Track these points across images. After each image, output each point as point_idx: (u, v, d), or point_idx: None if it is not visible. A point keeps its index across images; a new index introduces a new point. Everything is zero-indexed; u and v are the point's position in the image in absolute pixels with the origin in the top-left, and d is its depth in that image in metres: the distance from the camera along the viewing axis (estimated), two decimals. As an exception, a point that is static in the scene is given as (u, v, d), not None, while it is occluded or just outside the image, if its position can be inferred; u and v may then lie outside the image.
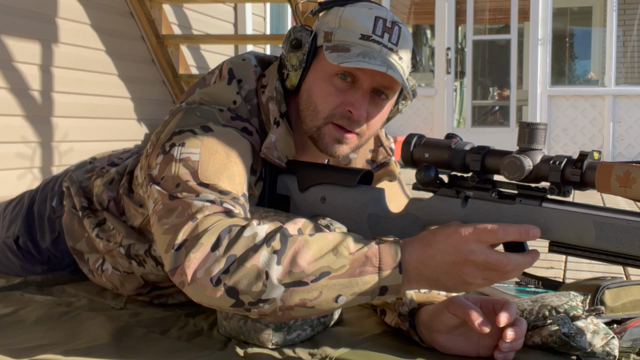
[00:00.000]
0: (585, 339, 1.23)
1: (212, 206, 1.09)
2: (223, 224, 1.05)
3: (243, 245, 1.03)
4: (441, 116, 8.28)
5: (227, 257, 1.02)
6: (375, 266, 1.03)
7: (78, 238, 1.61)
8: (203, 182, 1.13)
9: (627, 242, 1.00)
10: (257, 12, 5.87)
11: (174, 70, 4.48)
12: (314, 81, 1.32)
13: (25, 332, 1.36)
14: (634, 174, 0.96)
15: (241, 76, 1.37)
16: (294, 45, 1.31)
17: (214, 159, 1.18)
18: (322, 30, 1.32)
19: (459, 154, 1.14)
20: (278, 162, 1.34)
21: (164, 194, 1.14)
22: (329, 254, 1.03)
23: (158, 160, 1.21)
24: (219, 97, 1.33)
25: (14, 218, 1.76)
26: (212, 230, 1.04)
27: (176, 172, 1.15)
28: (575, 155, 1.05)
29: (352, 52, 1.26)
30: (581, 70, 9.52)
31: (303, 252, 1.02)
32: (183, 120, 1.26)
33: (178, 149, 1.19)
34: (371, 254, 1.03)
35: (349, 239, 1.05)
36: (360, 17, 1.29)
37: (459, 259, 1.02)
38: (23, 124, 3.39)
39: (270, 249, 1.02)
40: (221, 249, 1.02)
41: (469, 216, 1.14)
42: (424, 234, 1.08)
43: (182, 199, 1.10)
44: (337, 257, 1.02)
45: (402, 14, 9.28)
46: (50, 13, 3.57)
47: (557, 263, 2.20)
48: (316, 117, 1.32)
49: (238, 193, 1.16)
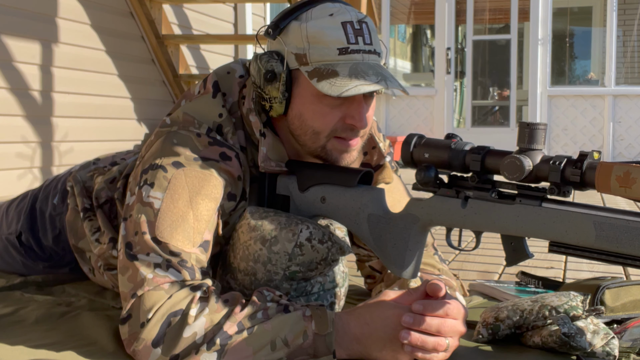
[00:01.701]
0: (585, 339, 1.23)
1: (154, 278, 1.17)
2: (162, 312, 1.13)
3: (183, 346, 1.11)
4: (441, 116, 8.28)
5: (170, 357, 1.11)
6: (311, 355, 1.12)
7: (80, 236, 1.62)
8: (157, 237, 1.20)
9: (627, 242, 1.00)
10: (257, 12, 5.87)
11: (174, 70, 4.48)
12: (303, 106, 1.29)
13: (25, 332, 1.36)
14: (634, 174, 0.96)
15: (226, 89, 1.36)
16: (269, 79, 1.27)
17: (175, 207, 1.22)
18: (291, 53, 1.27)
19: (459, 154, 1.14)
20: (278, 169, 1.34)
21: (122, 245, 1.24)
22: (266, 348, 1.11)
23: (134, 190, 1.28)
24: (204, 112, 1.33)
25: (17, 215, 1.77)
26: (153, 323, 1.13)
27: (138, 218, 1.23)
28: (575, 155, 1.05)
29: (340, 74, 1.22)
30: (581, 70, 9.52)
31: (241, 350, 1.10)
32: (161, 150, 1.28)
33: (146, 190, 1.24)
34: (307, 345, 1.12)
35: (286, 327, 1.12)
36: (328, 30, 1.24)
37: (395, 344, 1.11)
38: (23, 124, 3.39)
39: (211, 352, 1.10)
40: (163, 348, 1.11)
41: (469, 216, 1.14)
42: (360, 310, 1.16)
43: (133, 262, 1.20)
44: (274, 352, 1.11)
45: (402, 14, 9.28)
46: (50, 13, 3.57)
47: (557, 263, 2.20)
48: (317, 138, 1.31)
49: (192, 246, 1.21)
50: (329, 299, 1.33)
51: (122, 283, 1.21)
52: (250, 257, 1.27)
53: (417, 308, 1.11)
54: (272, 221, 1.26)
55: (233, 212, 1.34)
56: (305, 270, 1.27)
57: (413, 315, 1.11)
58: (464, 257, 2.30)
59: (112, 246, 1.50)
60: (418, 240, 1.23)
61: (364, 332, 1.12)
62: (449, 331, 1.12)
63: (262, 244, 1.26)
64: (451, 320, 1.13)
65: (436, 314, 1.11)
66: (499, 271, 2.10)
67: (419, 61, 10.01)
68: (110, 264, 1.54)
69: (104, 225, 1.53)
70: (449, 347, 1.13)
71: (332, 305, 1.34)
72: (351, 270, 1.81)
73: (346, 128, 1.30)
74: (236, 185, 1.32)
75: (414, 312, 1.11)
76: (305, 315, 1.13)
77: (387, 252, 1.25)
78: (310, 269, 1.27)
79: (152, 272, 1.18)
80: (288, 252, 1.24)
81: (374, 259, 1.54)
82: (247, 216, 1.29)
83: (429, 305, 1.12)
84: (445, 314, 1.12)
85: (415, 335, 1.10)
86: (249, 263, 1.27)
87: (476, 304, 1.64)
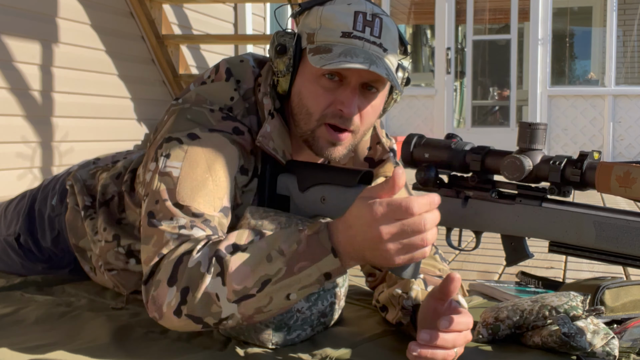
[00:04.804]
0: (585, 339, 1.23)
1: (178, 238, 1.17)
2: (177, 253, 1.14)
3: (191, 276, 1.10)
4: (441, 116, 8.28)
5: (181, 290, 1.11)
6: (310, 259, 1.06)
7: (81, 235, 1.62)
8: (179, 202, 1.20)
9: (627, 242, 1.00)
10: (257, 12, 5.87)
11: (174, 70, 4.48)
12: (303, 84, 1.32)
13: (25, 332, 1.36)
14: (634, 174, 0.96)
15: (239, 76, 1.37)
16: (279, 51, 1.31)
17: (194, 174, 1.23)
18: (305, 32, 1.31)
19: (459, 154, 1.14)
20: (273, 153, 1.33)
21: (144, 216, 1.24)
22: (263, 262, 1.08)
23: (150, 167, 1.28)
24: (216, 94, 1.34)
25: (15, 216, 1.77)
26: (167, 264, 1.14)
27: (157, 187, 1.23)
28: (575, 155, 1.05)
29: (334, 52, 1.25)
30: (581, 70, 9.52)
31: (240, 269, 1.08)
32: (174, 124, 1.30)
33: (163, 161, 1.25)
34: (302, 249, 1.07)
35: (280, 239, 1.09)
36: (340, 15, 1.28)
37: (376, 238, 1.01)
38: (23, 124, 3.39)
39: (212, 274, 1.09)
40: (175, 284, 1.12)
41: (469, 216, 1.14)
42: (345, 215, 1.07)
43: (157, 227, 1.19)
44: (271, 264, 1.08)
45: (402, 14, 9.28)
46: (50, 13, 3.57)
47: (557, 263, 2.20)
48: (309, 119, 1.32)
49: (214, 210, 1.22)
50: (329, 299, 1.33)
51: (147, 250, 1.19)
52: (250, 257, 1.27)
53: (443, 325, 1.09)
54: (272, 221, 1.26)
55: (245, 188, 1.35)
56: (305, 270, 1.26)
57: (429, 332, 1.09)
58: (464, 257, 2.30)
59: (117, 244, 1.50)
60: (418, 240, 1.23)
61: (350, 235, 1.05)
62: (462, 344, 1.12)
63: (262, 243, 1.25)
64: (462, 333, 1.11)
65: (452, 330, 1.10)
66: (499, 271, 2.11)
67: (419, 61, 10.01)
68: (111, 264, 1.54)
69: (107, 223, 1.53)
70: (456, 355, 1.12)
71: (332, 305, 1.34)
72: (351, 270, 1.81)
73: (336, 114, 1.30)
74: (249, 159, 1.33)
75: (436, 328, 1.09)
76: (299, 228, 1.12)
77: (387, 252, 1.25)
78: (310, 269, 1.27)
79: (177, 234, 1.17)
80: (288, 252, 1.24)
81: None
82: (247, 216, 1.29)
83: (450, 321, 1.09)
84: (459, 329, 1.10)
85: (424, 350, 1.08)
86: (249, 263, 1.27)
87: (476, 304, 1.64)
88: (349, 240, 1.05)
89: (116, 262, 1.52)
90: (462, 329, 1.10)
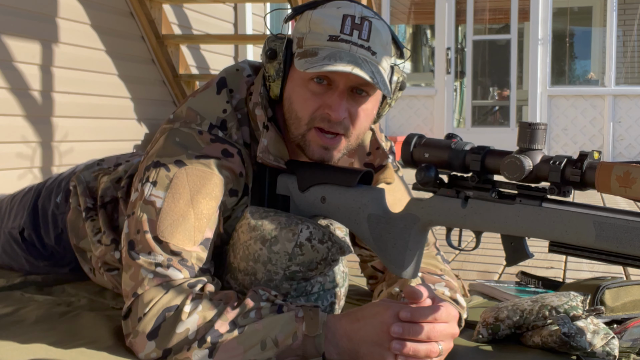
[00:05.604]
0: (585, 339, 1.23)
1: (155, 278, 1.20)
2: (158, 307, 1.16)
3: (176, 341, 1.14)
4: (441, 116, 8.28)
5: (164, 350, 1.15)
6: (299, 356, 1.13)
7: (82, 236, 1.63)
8: (158, 237, 1.22)
9: (627, 242, 1.00)
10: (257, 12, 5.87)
11: (174, 70, 4.48)
12: (292, 89, 1.32)
13: (25, 332, 1.36)
14: (634, 174, 0.96)
15: (233, 86, 1.38)
16: (270, 56, 1.31)
17: (176, 207, 1.24)
18: (296, 37, 1.31)
19: (459, 154, 1.14)
20: (276, 164, 1.34)
21: (125, 243, 1.27)
22: (256, 348, 1.12)
23: (138, 186, 1.31)
24: (208, 107, 1.35)
25: (20, 209, 1.78)
26: (149, 316, 1.16)
27: (140, 217, 1.25)
28: (575, 155, 1.05)
29: (319, 55, 1.25)
30: (581, 70, 9.52)
31: (232, 348, 1.12)
32: (164, 147, 1.31)
33: (149, 188, 1.27)
34: (296, 346, 1.12)
35: (277, 327, 1.13)
36: (328, 18, 1.27)
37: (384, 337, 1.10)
38: (23, 124, 3.39)
39: (202, 349, 1.12)
40: (157, 341, 1.15)
41: (469, 216, 1.14)
42: (354, 310, 1.17)
43: (135, 261, 1.22)
44: (263, 352, 1.12)
45: (402, 14, 9.28)
46: (50, 13, 3.57)
47: (557, 263, 2.20)
48: (299, 124, 1.32)
49: (193, 245, 1.24)
50: (329, 299, 1.33)
51: (125, 281, 1.24)
52: (251, 257, 1.27)
53: (404, 315, 1.11)
54: (272, 221, 1.26)
55: (236, 206, 1.35)
56: (305, 270, 1.27)
57: (401, 324, 1.10)
58: (464, 257, 2.30)
59: (115, 247, 1.50)
60: (418, 240, 1.23)
61: (354, 328, 1.13)
62: (439, 336, 1.12)
63: (262, 243, 1.26)
64: (441, 325, 1.12)
65: (425, 320, 1.11)
66: (499, 271, 2.11)
67: (419, 61, 10.00)
68: (111, 265, 1.54)
69: (106, 226, 1.54)
70: (442, 351, 1.13)
71: (332, 305, 1.34)
72: (352, 270, 1.81)
73: (324, 118, 1.29)
74: (238, 182, 1.33)
75: (402, 319, 1.11)
76: (298, 317, 1.14)
77: (387, 252, 1.25)
78: (311, 269, 1.27)
79: (152, 272, 1.20)
80: (288, 252, 1.25)
81: (376, 259, 1.54)
82: (247, 216, 1.29)
83: (416, 312, 1.11)
84: (434, 319, 1.11)
85: (407, 346, 1.09)
86: (249, 263, 1.28)
87: (476, 304, 1.64)
88: (348, 333, 1.13)
89: (116, 263, 1.53)
90: (430, 320, 1.11)
